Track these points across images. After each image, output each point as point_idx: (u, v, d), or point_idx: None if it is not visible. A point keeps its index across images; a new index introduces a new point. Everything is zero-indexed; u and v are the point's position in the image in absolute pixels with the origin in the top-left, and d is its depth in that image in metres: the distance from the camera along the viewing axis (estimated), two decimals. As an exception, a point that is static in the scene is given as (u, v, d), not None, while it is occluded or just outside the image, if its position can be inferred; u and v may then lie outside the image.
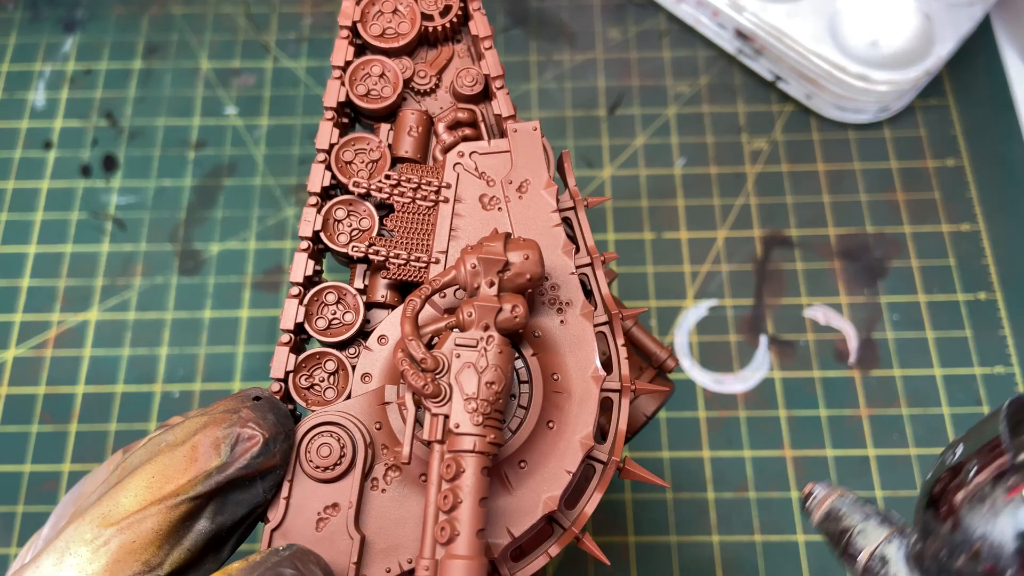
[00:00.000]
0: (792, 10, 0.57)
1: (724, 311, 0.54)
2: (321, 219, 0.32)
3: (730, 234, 0.57)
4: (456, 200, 0.31)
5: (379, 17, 0.34)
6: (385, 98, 0.33)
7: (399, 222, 0.32)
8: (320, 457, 0.27)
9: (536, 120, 0.33)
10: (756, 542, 0.48)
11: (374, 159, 0.33)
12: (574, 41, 0.64)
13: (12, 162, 0.60)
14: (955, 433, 0.50)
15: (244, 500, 0.26)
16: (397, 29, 0.34)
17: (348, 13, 0.34)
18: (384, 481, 0.28)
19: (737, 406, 0.51)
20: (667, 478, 0.50)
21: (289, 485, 0.28)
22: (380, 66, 0.34)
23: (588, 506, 0.29)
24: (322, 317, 0.31)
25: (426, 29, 0.34)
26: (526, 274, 0.27)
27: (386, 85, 0.33)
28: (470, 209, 0.31)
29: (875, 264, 0.55)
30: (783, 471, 0.50)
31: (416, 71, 0.34)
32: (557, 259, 0.30)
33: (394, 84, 0.33)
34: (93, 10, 0.66)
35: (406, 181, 0.32)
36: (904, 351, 0.53)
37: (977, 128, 0.59)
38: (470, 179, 0.31)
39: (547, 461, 0.28)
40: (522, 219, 0.31)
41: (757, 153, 0.59)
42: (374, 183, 0.32)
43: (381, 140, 0.34)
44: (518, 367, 0.29)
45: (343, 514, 0.27)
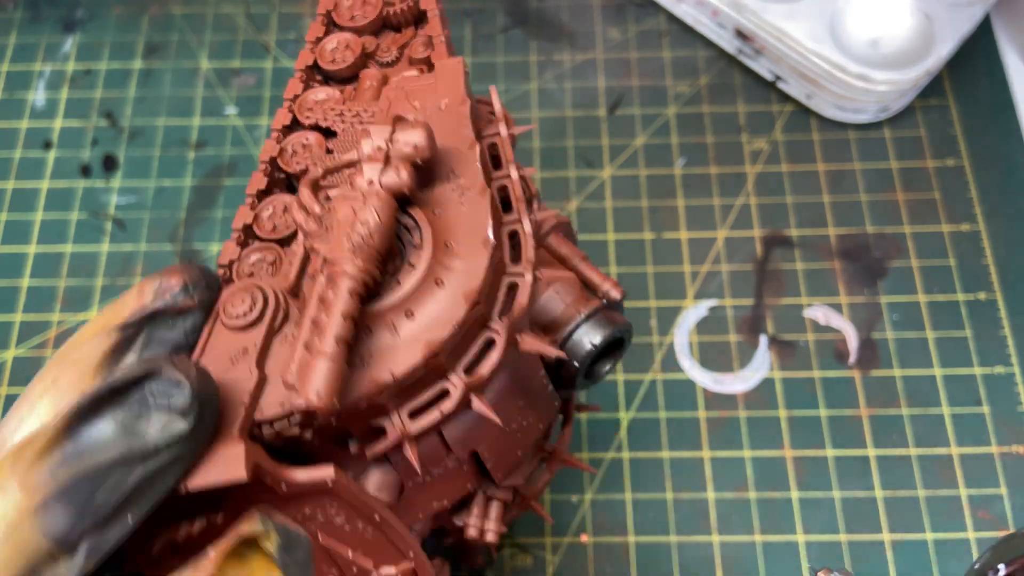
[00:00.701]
0: (792, 10, 0.57)
1: (724, 311, 0.54)
2: (279, 148, 0.37)
3: (730, 234, 0.57)
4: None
5: (351, 6, 0.41)
6: (346, 62, 0.39)
7: (338, 143, 0.36)
8: (236, 309, 0.30)
9: (462, 58, 0.36)
10: (756, 542, 0.48)
11: (331, 106, 0.39)
12: (574, 41, 0.64)
13: (12, 162, 0.60)
14: (955, 433, 0.50)
15: (168, 339, 0.29)
16: (363, 13, 0.40)
17: (326, 3, 0.40)
18: (291, 337, 0.30)
19: (737, 406, 0.51)
20: (667, 478, 0.50)
21: (208, 331, 0.30)
22: (345, 40, 0.39)
23: (484, 367, 0.31)
24: (270, 221, 0.35)
25: (388, 13, 0.40)
26: (412, 143, 0.30)
27: (348, 53, 0.39)
28: None
29: (875, 264, 0.55)
30: (783, 471, 0.50)
31: (379, 46, 0.40)
32: (467, 160, 0.33)
33: (355, 51, 0.39)
34: (93, 10, 0.66)
35: (347, 110, 0.37)
36: (904, 351, 0.53)
37: (977, 128, 0.60)
38: (402, 105, 0.36)
39: (434, 313, 0.30)
40: (440, 133, 0.34)
41: (757, 153, 0.59)
42: (321, 114, 0.37)
43: (341, 92, 0.39)
44: (411, 228, 0.31)
45: (249, 356, 0.29)
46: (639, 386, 0.52)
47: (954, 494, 0.49)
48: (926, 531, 0.48)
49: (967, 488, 0.49)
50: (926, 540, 0.48)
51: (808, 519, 0.48)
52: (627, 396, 0.52)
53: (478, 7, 0.65)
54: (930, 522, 0.48)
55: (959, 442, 0.50)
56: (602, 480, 0.50)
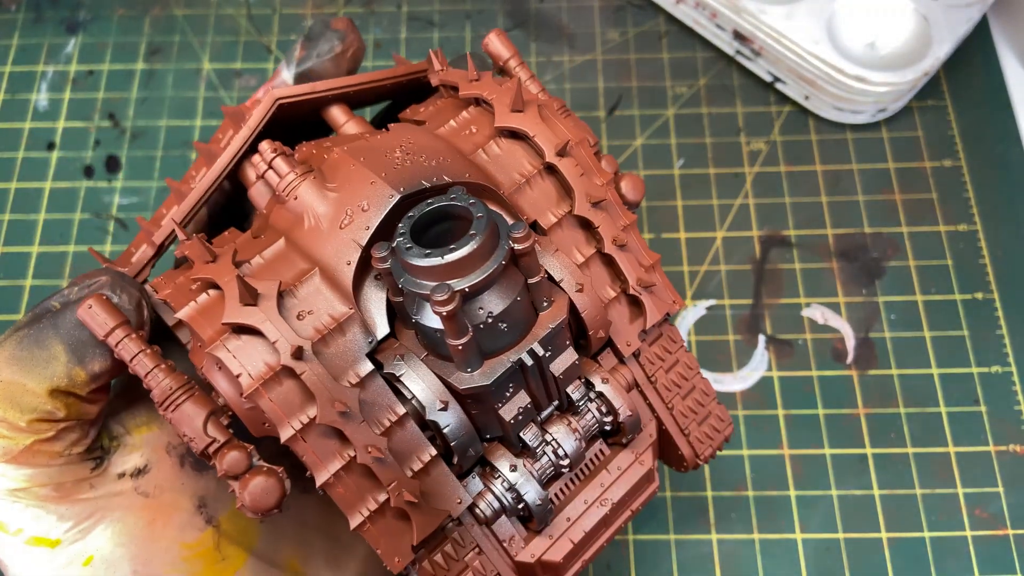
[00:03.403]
0: (790, 12, 0.58)
1: (723, 311, 0.55)
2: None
3: (728, 234, 0.57)
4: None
5: None
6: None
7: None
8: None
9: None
10: (754, 540, 0.48)
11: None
12: (574, 42, 0.64)
13: (15, 163, 0.60)
14: (952, 431, 0.51)
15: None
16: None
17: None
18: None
19: (736, 405, 0.52)
20: (666, 476, 0.50)
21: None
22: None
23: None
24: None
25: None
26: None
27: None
28: None
29: (873, 264, 0.56)
30: (781, 470, 0.50)
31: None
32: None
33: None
34: (95, 11, 0.66)
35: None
36: (901, 350, 0.53)
37: (974, 129, 0.60)
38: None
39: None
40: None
41: (755, 154, 0.60)
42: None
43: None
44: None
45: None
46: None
47: (951, 492, 0.49)
48: (923, 529, 0.48)
49: (964, 486, 0.49)
50: (923, 538, 0.48)
51: (806, 517, 0.49)
52: (626, 395, 0.52)
53: (478, 8, 0.65)
54: (927, 520, 0.48)
55: (956, 441, 0.50)
56: (601, 478, 0.50)
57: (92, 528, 0.31)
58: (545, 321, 0.30)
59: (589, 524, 0.34)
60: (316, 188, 0.31)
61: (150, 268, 0.35)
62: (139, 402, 0.34)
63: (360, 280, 0.30)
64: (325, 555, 0.37)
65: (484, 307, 0.28)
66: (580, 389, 0.33)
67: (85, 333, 0.30)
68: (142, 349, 0.29)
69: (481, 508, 0.32)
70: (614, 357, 0.35)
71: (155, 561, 0.32)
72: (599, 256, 0.34)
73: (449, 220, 0.29)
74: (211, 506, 0.34)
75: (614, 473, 0.35)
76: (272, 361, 0.28)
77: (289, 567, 0.35)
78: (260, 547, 0.35)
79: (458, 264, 0.27)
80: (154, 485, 0.33)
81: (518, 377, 0.30)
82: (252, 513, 0.29)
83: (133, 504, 0.32)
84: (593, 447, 0.35)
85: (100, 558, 0.31)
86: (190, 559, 0.33)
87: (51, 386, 0.30)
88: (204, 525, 0.33)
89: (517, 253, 0.28)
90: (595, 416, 0.33)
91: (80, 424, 0.31)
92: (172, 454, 0.34)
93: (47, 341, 0.30)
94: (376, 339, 0.30)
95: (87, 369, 0.30)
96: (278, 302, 0.28)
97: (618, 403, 0.33)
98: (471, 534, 0.32)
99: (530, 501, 0.32)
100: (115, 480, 0.32)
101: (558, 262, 0.32)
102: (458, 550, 0.32)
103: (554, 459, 0.32)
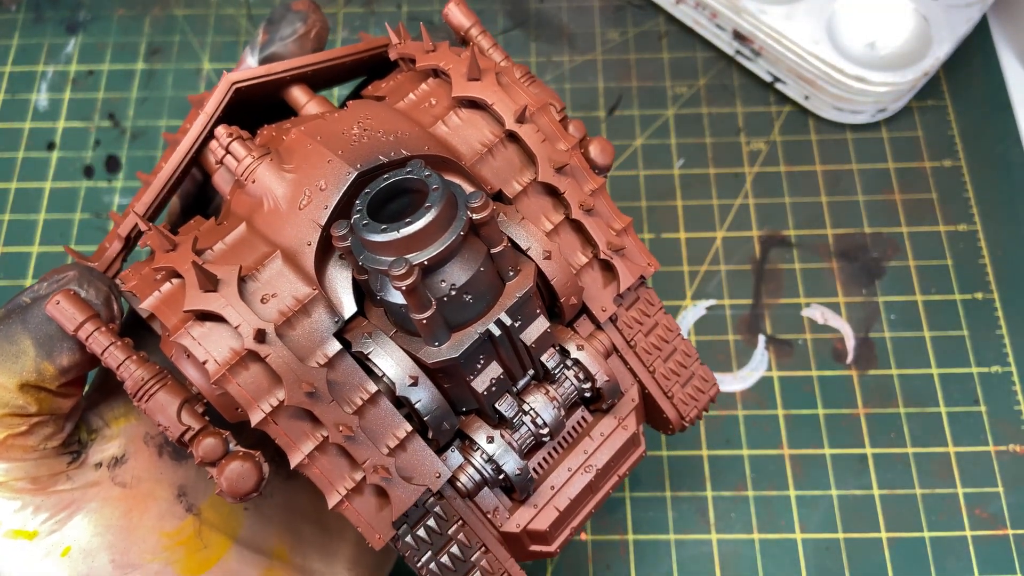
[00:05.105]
0: (790, 12, 0.58)
1: (722, 311, 0.55)
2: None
3: (728, 234, 0.57)
4: None
5: None
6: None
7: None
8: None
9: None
10: (754, 540, 0.48)
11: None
12: (574, 42, 0.64)
13: (15, 163, 0.60)
14: (952, 431, 0.51)
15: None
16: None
17: None
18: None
19: (735, 405, 0.52)
20: (665, 476, 0.50)
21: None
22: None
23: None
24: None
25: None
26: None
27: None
28: None
29: (873, 264, 0.56)
30: (781, 469, 0.50)
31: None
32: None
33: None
34: (95, 11, 0.66)
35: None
36: (901, 350, 0.53)
37: (974, 129, 0.60)
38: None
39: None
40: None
41: (755, 154, 0.60)
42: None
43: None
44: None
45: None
46: (638, 385, 0.52)
47: (951, 492, 0.49)
48: (923, 529, 0.48)
49: (964, 486, 0.49)
50: (923, 538, 0.48)
51: (806, 517, 0.49)
52: (626, 395, 0.52)
53: (478, 8, 0.65)
54: (927, 520, 0.48)
55: (956, 441, 0.50)
56: (601, 478, 0.50)
57: (69, 519, 0.32)
58: (512, 290, 0.30)
59: (574, 491, 0.34)
60: (274, 170, 0.31)
61: (120, 262, 0.35)
62: (117, 394, 0.34)
63: (323, 261, 0.30)
64: (314, 542, 0.37)
65: (446, 279, 0.28)
66: (555, 357, 0.33)
67: (53, 327, 0.30)
68: (112, 342, 0.29)
69: (462, 481, 0.32)
70: (591, 324, 0.35)
71: (134, 550, 0.32)
72: (568, 223, 0.34)
73: (407, 194, 0.29)
74: (191, 494, 0.34)
75: (597, 439, 0.34)
76: (237, 346, 0.28)
77: (276, 554, 0.35)
78: (245, 534, 0.35)
79: (415, 237, 0.27)
80: (131, 475, 0.33)
81: (488, 348, 0.30)
82: (231, 498, 0.29)
83: (110, 494, 0.32)
84: (574, 415, 0.35)
85: (78, 548, 0.31)
86: (171, 547, 0.33)
87: (20, 380, 0.30)
88: (184, 513, 0.33)
89: (476, 223, 0.28)
90: (573, 384, 0.33)
91: (54, 419, 0.31)
92: (150, 444, 0.34)
93: (15, 336, 0.30)
94: (343, 319, 0.30)
95: (55, 363, 0.30)
96: (240, 287, 0.28)
97: (594, 369, 0.33)
98: (454, 507, 0.32)
99: (509, 471, 0.32)
100: (92, 470, 0.32)
101: (524, 231, 0.32)
102: (441, 524, 0.32)
103: (533, 428, 0.32)
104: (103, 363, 0.30)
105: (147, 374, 0.29)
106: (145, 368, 0.29)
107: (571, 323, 0.35)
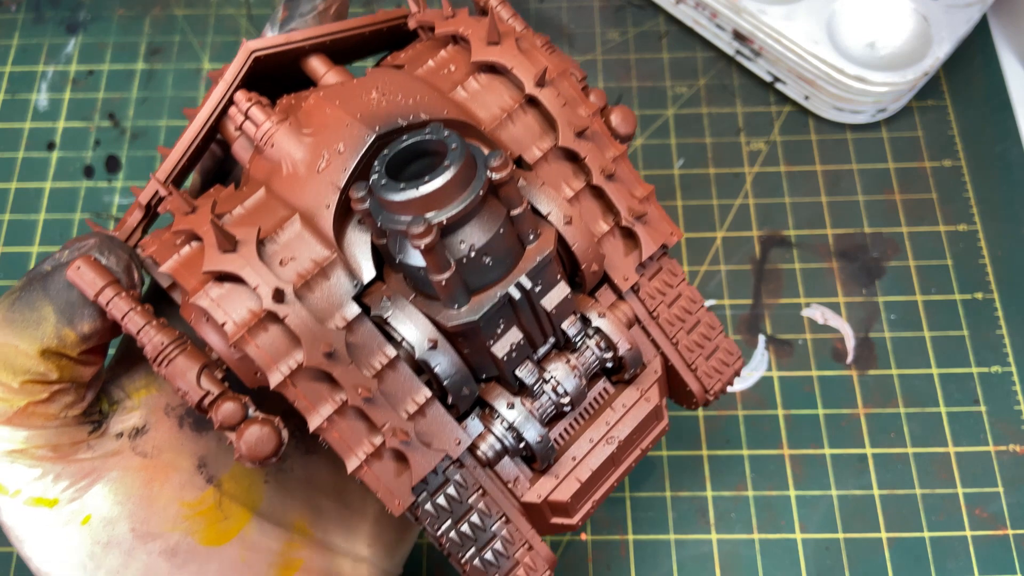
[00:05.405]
0: (790, 12, 0.58)
1: (723, 311, 0.55)
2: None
3: (728, 234, 0.57)
4: None
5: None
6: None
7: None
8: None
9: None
10: (754, 540, 0.48)
11: None
12: (573, 42, 0.64)
13: (15, 163, 0.60)
14: (952, 431, 0.51)
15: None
16: None
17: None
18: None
19: (735, 405, 0.52)
20: (666, 476, 0.50)
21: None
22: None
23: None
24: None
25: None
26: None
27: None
28: None
29: (872, 264, 0.56)
30: (781, 469, 0.50)
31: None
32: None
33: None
34: (95, 11, 0.66)
35: None
36: (901, 350, 0.53)
37: (974, 129, 0.60)
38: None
39: None
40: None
41: (755, 154, 0.60)
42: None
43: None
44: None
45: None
46: (638, 385, 0.52)
47: (951, 492, 0.49)
48: (923, 529, 0.48)
49: (964, 486, 0.49)
50: (923, 538, 0.48)
51: (806, 517, 0.49)
52: (626, 395, 0.52)
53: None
54: (927, 520, 0.48)
55: (956, 441, 0.50)
56: (601, 478, 0.50)
57: (89, 487, 0.32)
58: (532, 254, 0.30)
59: (596, 462, 0.33)
60: (292, 134, 0.30)
61: (141, 232, 0.34)
62: (138, 367, 0.34)
63: (343, 225, 0.30)
64: (334, 518, 0.37)
65: (465, 240, 0.28)
66: (576, 325, 0.32)
67: (74, 294, 0.30)
68: (132, 307, 0.29)
69: (482, 450, 0.32)
70: (612, 294, 0.35)
71: (154, 519, 0.32)
72: (589, 190, 0.34)
73: (426, 157, 0.29)
74: (211, 466, 0.34)
75: (619, 411, 0.34)
76: (255, 307, 0.28)
77: (296, 528, 0.35)
78: (265, 507, 0.35)
79: (434, 196, 0.27)
80: (152, 445, 0.33)
81: (508, 313, 0.30)
82: (250, 462, 0.29)
83: (131, 463, 0.32)
84: (596, 386, 0.35)
85: (98, 517, 0.31)
86: (191, 517, 0.33)
87: (41, 347, 0.30)
88: (204, 484, 0.33)
89: (496, 183, 0.28)
90: (594, 352, 0.33)
91: (75, 387, 0.32)
92: (171, 415, 0.34)
93: (37, 303, 0.30)
94: (362, 283, 0.30)
95: (76, 330, 0.30)
96: (258, 249, 0.28)
97: (616, 337, 0.32)
98: (474, 476, 0.32)
99: (530, 439, 0.31)
100: (113, 440, 0.32)
101: (544, 195, 0.31)
102: (461, 492, 0.31)
103: (554, 397, 0.32)
104: (123, 329, 0.30)
105: (167, 339, 0.29)
106: (165, 333, 0.29)
107: (592, 293, 0.34)
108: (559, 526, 0.34)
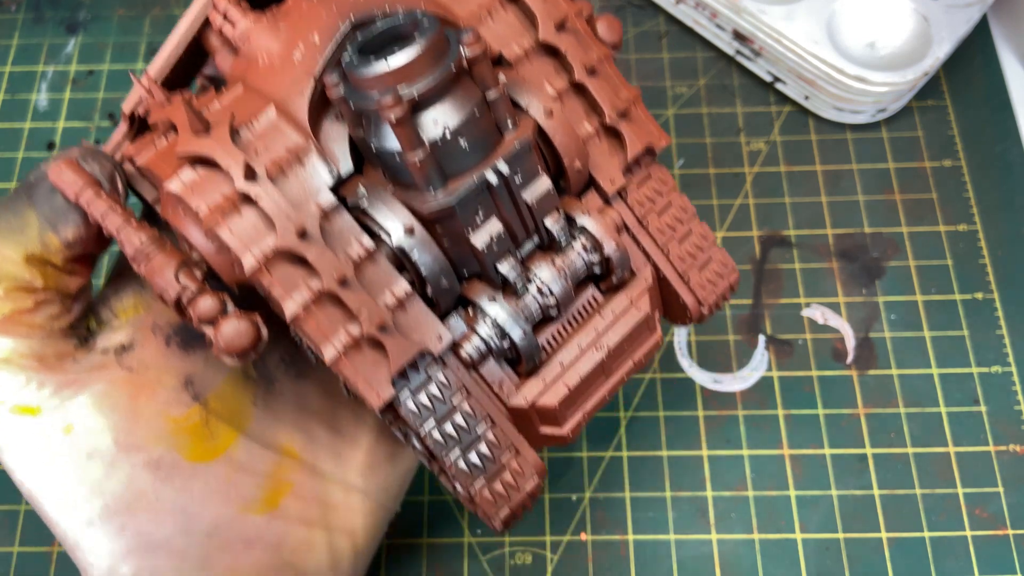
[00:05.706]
0: (790, 12, 0.58)
1: (722, 311, 0.55)
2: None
3: (728, 234, 0.57)
4: None
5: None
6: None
7: None
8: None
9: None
10: (754, 540, 0.48)
11: None
12: (574, 42, 0.64)
13: (15, 163, 0.60)
14: (952, 431, 0.51)
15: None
16: None
17: None
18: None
19: (735, 405, 0.52)
20: (666, 476, 0.50)
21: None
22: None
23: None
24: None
25: None
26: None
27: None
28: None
29: (873, 264, 0.56)
30: (781, 469, 0.50)
31: None
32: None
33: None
34: (95, 12, 0.66)
35: None
36: (901, 350, 0.53)
37: (974, 129, 0.60)
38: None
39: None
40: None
41: (755, 154, 0.60)
42: None
43: None
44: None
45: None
46: (638, 385, 0.52)
47: (951, 492, 0.49)
48: (923, 529, 0.48)
49: (964, 486, 0.49)
50: (923, 538, 0.48)
51: (806, 517, 0.49)
52: (626, 395, 0.52)
53: (478, 9, 0.65)
54: (927, 520, 0.48)
55: (956, 441, 0.50)
56: (601, 478, 0.50)
57: (73, 397, 0.32)
58: (510, 141, 0.30)
59: (585, 369, 0.32)
60: (268, 28, 0.31)
61: (127, 142, 0.34)
62: (127, 288, 0.34)
63: (320, 117, 0.30)
64: (325, 444, 0.36)
65: (439, 120, 0.28)
66: (560, 222, 0.32)
67: (58, 201, 0.31)
68: (112, 207, 0.29)
69: (466, 350, 0.31)
70: (599, 200, 0.34)
71: (139, 432, 0.32)
72: (572, 90, 0.33)
73: (400, 42, 0.29)
74: (198, 384, 0.34)
75: (608, 318, 0.33)
76: (228, 191, 0.28)
77: (286, 451, 0.35)
78: (254, 429, 0.35)
79: (405, 70, 0.27)
80: (138, 361, 0.33)
81: (487, 202, 0.30)
82: (228, 357, 0.28)
83: (116, 377, 0.32)
84: (584, 294, 0.34)
85: (81, 427, 0.31)
86: (177, 432, 0.33)
87: (25, 252, 0.30)
88: (191, 401, 0.33)
89: (469, 60, 0.28)
90: (580, 254, 0.32)
91: (61, 297, 0.32)
92: (158, 334, 0.34)
93: (20, 209, 0.31)
94: (339, 174, 0.30)
95: (60, 235, 0.31)
96: (233, 137, 0.28)
97: (601, 235, 0.32)
98: (457, 376, 0.31)
99: (516, 338, 0.31)
100: (99, 355, 0.33)
101: (525, 90, 0.31)
102: (444, 392, 0.31)
103: (540, 299, 0.32)
104: (104, 230, 0.29)
105: (146, 237, 0.29)
106: (144, 232, 0.29)
107: (579, 196, 0.34)
108: (550, 437, 0.33)
